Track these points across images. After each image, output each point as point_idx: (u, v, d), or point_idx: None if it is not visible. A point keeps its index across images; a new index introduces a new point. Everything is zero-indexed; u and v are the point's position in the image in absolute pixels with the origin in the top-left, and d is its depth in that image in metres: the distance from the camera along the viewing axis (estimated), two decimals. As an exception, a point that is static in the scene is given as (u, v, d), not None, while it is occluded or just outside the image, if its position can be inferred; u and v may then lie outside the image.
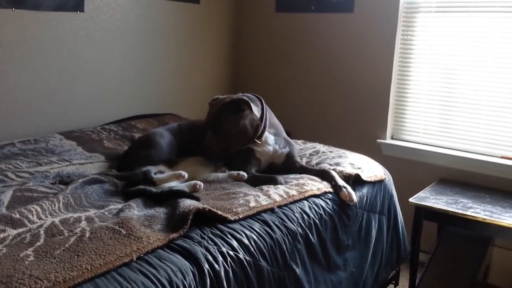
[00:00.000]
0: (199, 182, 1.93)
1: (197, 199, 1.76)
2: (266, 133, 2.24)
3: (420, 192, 2.81)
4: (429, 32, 3.12)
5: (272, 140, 2.28)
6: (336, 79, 3.52)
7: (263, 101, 2.30)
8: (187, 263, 1.42)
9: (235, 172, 2.10)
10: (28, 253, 1.33)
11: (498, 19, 2.85)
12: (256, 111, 2.18)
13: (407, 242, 2.56)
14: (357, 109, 3.44)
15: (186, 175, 1.93)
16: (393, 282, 2.60)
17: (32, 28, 2.67)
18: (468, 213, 2.53)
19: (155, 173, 1.94)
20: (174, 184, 1.91)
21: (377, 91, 3.32)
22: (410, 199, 2.69)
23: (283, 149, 2.30)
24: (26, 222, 1.52)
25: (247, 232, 1.64)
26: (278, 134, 2.32)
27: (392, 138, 3.36)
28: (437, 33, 3.08)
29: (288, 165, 2.28)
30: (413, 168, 3.19)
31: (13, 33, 2.60)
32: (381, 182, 2.36)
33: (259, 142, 2.22)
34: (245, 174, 2.10)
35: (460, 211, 2.55)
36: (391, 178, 2.51)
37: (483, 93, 2.95)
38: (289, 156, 2.31)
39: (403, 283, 2.75)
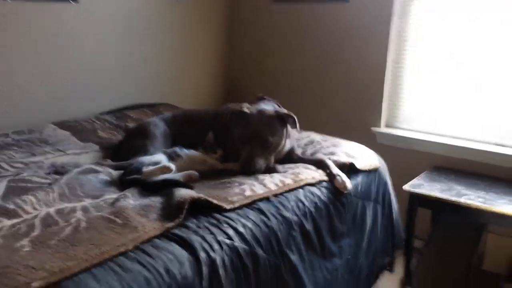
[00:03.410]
0: (195, 172, 1.93)
1: (191, 188, 1.76)
2: (287, 141, 2.24)
3: (414, 179, 2.83)
4: (423, 20, 3.11)
5: (287, 146, 2.25)
6: (331, 68, 3.51)
7: (282, 108, 2.30)
8: (184, 252, 1.42)
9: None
10: (24, 243, 1.32)
11: (493, 5, 2.85)
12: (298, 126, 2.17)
13: (401, 229, 2.57)
14: (352, 98, 3.44)
15: (174, 168, 1.91)
16: (388, 268, 2.62)
17: (27, 19, 2.65)
18: (462, 200, 2.55)
19: (147, 166, 1.92)
20: (170, 174, 1.91)
21: (371, 79, 3.32)
22: (404, 187, 2.71)
23: (288, 146, 2.28)
24: (21, 213, 1.52)
25: (243, 221, 1.64)
26: (289, 134, 2.27)
27: (386, 126, 3.37)
28: (431, 22, 3.08)
29: (287, 159, 2.27)
30: (408, 156, 3.20)
31: (8, 24, 2.57)
32: (375, 170, 2.36)
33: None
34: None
35: (454, 198, 2.56)
36: (386, 166, 2.51)
37: (478, 80, 2.95)
38: (290, 151, 2.30)
39: (398, 269, 2.77)
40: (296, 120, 2.12)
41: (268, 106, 2.20)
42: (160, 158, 1.98)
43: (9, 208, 1.53)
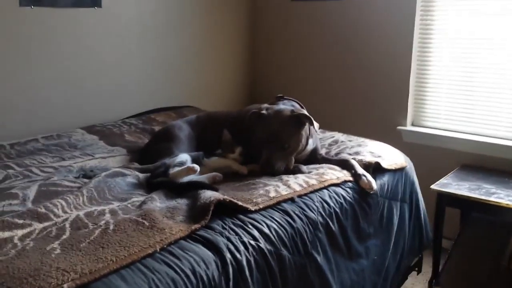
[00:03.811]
0: (218, 174, 1.95)
1: (215, 189, 1.78)
2: (310, 140, 2.23)
3: (442, 179, 2.78)
4: (449, 13, 3.05)
5: (310, 145, 2.25)
6: (354, 65, 3.49)
7: (303, 107, 2.30)
8: (210, 253, 1.43)
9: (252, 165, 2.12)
10: (55, 246, 1.36)
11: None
12: (316, 126, 2.14)
13: (429, 229, 2.54)
14: (377, 96, 3.40)
15: (198, 169, 1.93)
16: (416, 269, 2.59)
17: (51, 25, 2.71)
18: (492, 198, 2.50)
19: (173, 167, 1.94)
20: (194, 176, 1.93)
21: (396, 76, 3.28)
22: (432, 186, 2.67)
23: (311, 146, 2.27)
24: (52, 216, 1.55)
25: (268, 222, 1.65)
26: (312, 133, 2.26)
27: (412, 124, 3.33)
28: (457, 15, 3.02)
29: (311, 159, 2.27)
30: (435, 155, 3.15)
31: (33, 30, 2.64)
32: (402, 169, 2.34)
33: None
34: None
35: (483, 197, 2.52)
36: (412, 165, 2.48)
37: (506, 76, 2.89)
38: (313, 151, 2.29)
39: (426, 269, 2.73)
40: (313, 120, 2.10)
41: (287, 106, 2.20)
42: (185, 157, 1.99)
43: (40, 211, 1.57)
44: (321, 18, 3.59)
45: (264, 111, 2.13)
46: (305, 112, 2.16)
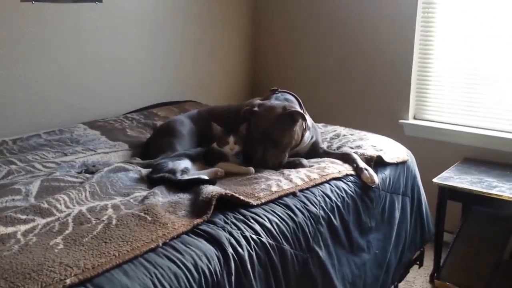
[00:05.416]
0: (220, 169, 1.95)
1: (213, 183, 1.79)
2: (306, 133, 2.22)
3: (444, 172, 2.78)
4: (451, 6, 3.04)
5: (308, 138, 2.25)
6: (356, 58, 3.48)
7: (300, 100, 2.29)
8: (212, 248, 1.44)
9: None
10: (57, 241, 1.36)
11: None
12: (309, 121, 2.11)
13: (431, 223, 2.54)
14: (378, 89, 3.40)
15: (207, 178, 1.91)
16: (418, 262, 2.59)
17: (52, 20, 2.70)
18: (493, 192, 2.50)
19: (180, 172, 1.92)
20: (196, 171, 1.93)
21: (398, 69, 3.27)
22: (434, 179, 2.67)
23: (310, 139, 2.27)
24: (54, 211, 1.56)
25: (270, 216, 1.65)
26: (309, 126, 2.25)
27: (414, 118, 3.32)
28: (459, 7, 3.01)
29: (312, 153, 2.27)
30: (437, 148, 3.15)
31: (34, 26, 2.63)
32: (404, 163, 2.34)
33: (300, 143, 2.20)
34: None
35: (484, 190, 2.52)
36: (414, 159, 2.48)
37: (508, 69, 2.88)
38: (314, 145, 2.29)
39: (428, 263, 2.74)
40: (305, 116, 2.08)
41: (280, 102, 2.17)
42: (187, 163, 1.98)
43: (43, 207, 1.57)
44: (323, 10, 3.58)
45: (256, 108, 2.12)
46: (297, 108, 2.13)
